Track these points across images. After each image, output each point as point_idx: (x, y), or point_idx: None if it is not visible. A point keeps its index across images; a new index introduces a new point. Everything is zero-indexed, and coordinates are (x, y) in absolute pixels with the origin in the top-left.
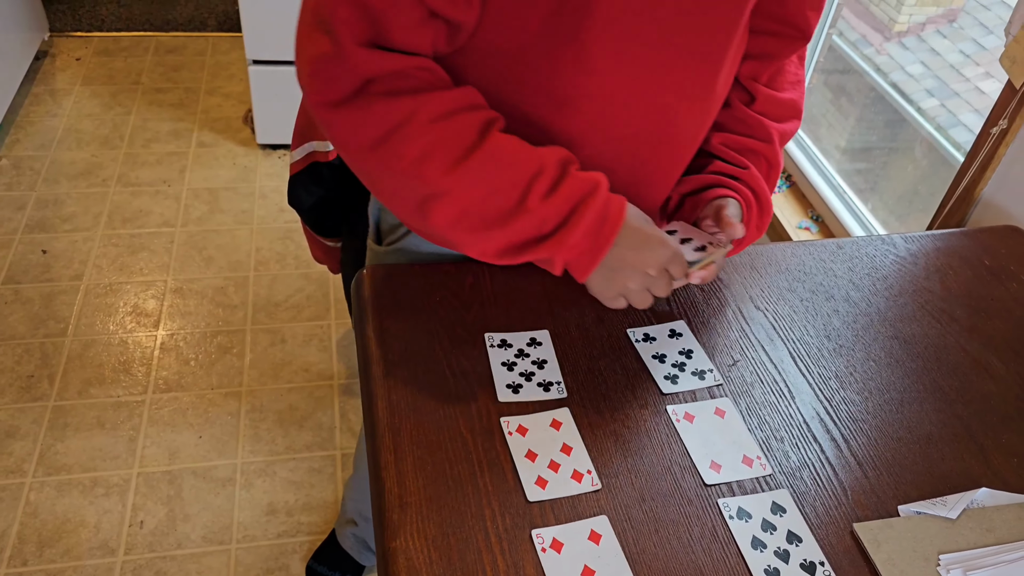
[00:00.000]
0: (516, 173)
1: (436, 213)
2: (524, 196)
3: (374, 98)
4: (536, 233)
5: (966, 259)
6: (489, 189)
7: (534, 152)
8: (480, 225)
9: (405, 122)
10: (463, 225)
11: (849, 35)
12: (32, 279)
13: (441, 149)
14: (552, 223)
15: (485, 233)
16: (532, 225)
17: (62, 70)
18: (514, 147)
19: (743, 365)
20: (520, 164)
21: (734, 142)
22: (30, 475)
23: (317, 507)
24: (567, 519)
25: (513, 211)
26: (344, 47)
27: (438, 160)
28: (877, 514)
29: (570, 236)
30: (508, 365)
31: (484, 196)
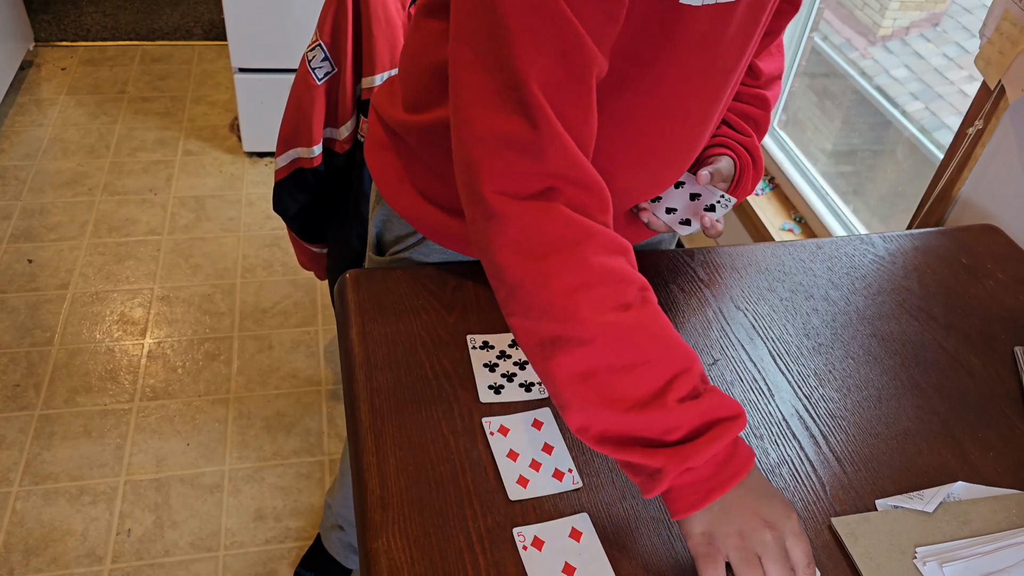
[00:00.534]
0: (666, 358)
1: (563, 358)
2: (666, 388)
3: (558, 206)
4: (658, 435)
5: (944, 258)
6: (634, 360)
7: (685, 345)
8: (604, 395)
9: (577, 245)
10: (586, 386)
11: (834, 39)
12: (18, 288)
13: (602, 290)
14: (682, 431)
15: (604, 407)
16: (660, 423)
17: (47, 80)
18: (668, 327)
19: (723, 364)
20: (671, 350)
21: (738, 110)
22: (16, 484)
23: (305, 512)
24: (548, 517)
25: (648, 400)
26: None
27: (595, 301)
28: (855, 508)
29: (695, 454)
30: (490, 366)
31: (624, 365)
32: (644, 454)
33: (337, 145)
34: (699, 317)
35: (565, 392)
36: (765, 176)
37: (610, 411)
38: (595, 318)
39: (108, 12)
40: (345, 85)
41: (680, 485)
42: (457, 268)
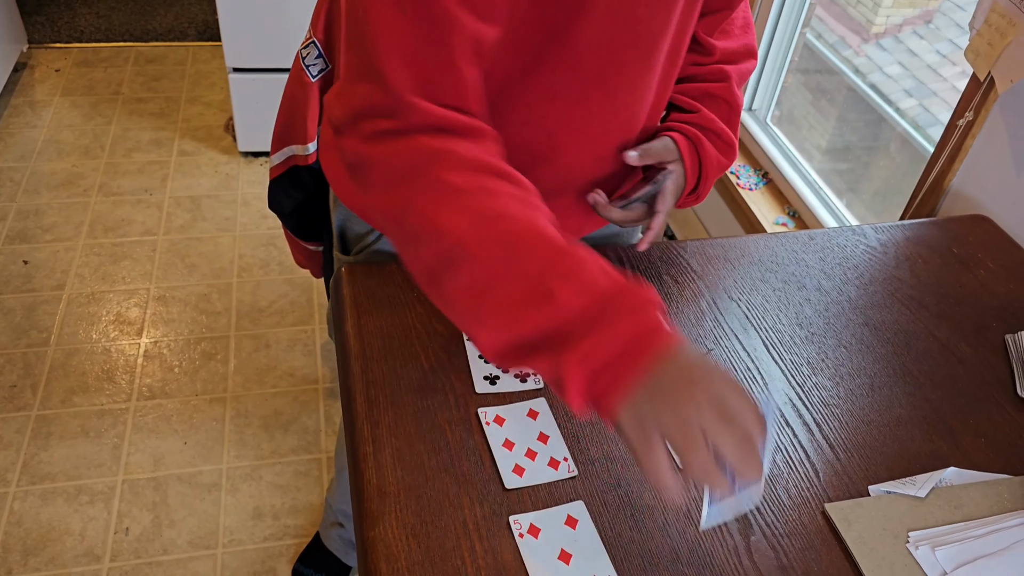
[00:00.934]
0: (545, 249)
1: (447, 280)
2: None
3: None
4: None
5: (935, 248)
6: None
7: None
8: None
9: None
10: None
11: (828, 37)
12: (13, 289)
13: (467, 201)
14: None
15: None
16: (554, 315)
17: (41, 81)
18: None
19: (717, 354)
20: (554, 244)
21: (690, 90)
22: (14, 484)
23: (303, 510)
24: (544, 505)
25: (531, 293)
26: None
27: (462, 214)
28: (848, 495)
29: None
30: (485, 358)
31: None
32: (543, 355)
33: None
34: (693, 308)
35: (462, 313)
36: (759, 171)
37: (502, 317)
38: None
39: (102, 13)
40: None
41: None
42: None
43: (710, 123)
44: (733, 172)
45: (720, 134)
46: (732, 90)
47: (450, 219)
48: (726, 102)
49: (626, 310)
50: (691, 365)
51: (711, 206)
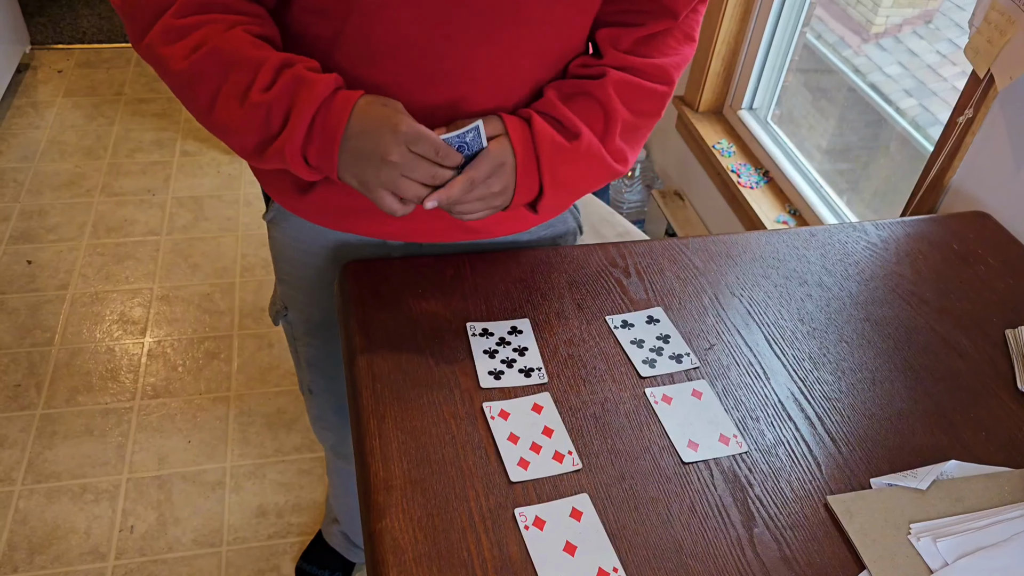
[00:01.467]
0: (244, 66)
1: (189, 105)
2: (248, 89)
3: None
4: (265, 131)
5: (935, 244)
6: (221, 79)
7: (262, 51)
8: (223, 119)
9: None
10: (211, 118)
11: (828, 37)
12: (17, 289)
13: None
14: (277, 120)
15: (229, 129)
16: (260, 120)
17: (44, 82)
18: (248, 43)
19: (719, 349)
20: (247, 59)
21: (558, 84)
22: (19, 483)
23: (307, 508)
24: (549, 498)
25: (241, 105)
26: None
27: (185, 47)
28: (850, 487)
29: (295, 130)
30: (490, 353)
31: (218, 85)
32: (271, 155)
33: None
34: (695, 304)
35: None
36: (759, 169)
37: (233, 131)
38: (186, 58)
39: (104, 15)
40: None
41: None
42: (455, 257)
43: (551, 108)
44: (734, 170)
45: (562, 120)
46: (606, 90)
47: (174, 52)
48: (596, 101)
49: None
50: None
51: (711, 205)
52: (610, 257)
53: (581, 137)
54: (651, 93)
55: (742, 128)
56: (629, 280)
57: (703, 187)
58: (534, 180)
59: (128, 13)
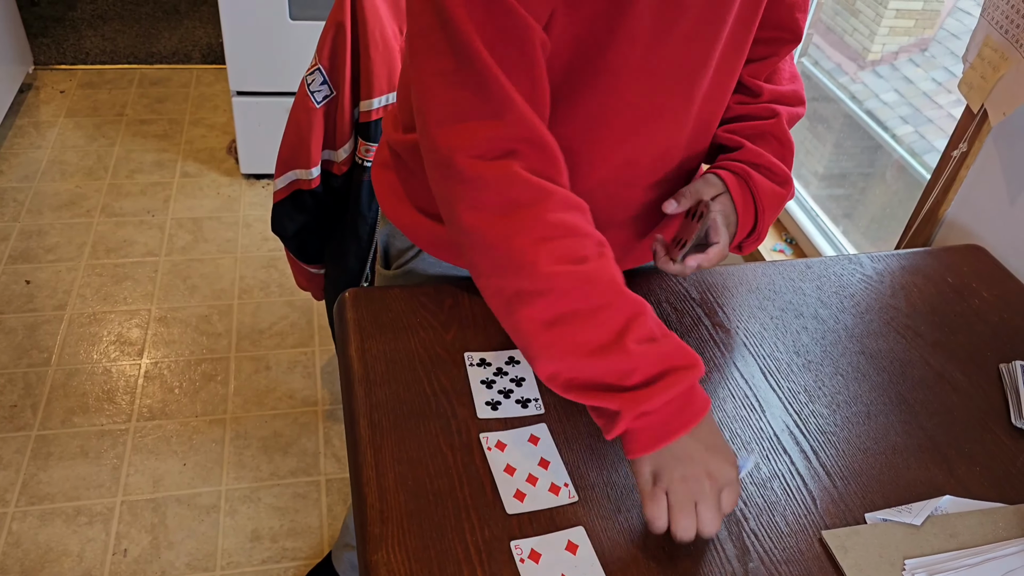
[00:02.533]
0: (621, 304)
1: (528, 309)
2: (623, 333)
3: (518, 169)
4: (618, 379)
5: (930, 277)
6: (591, 307)
7: (636, 295)
8: (567, 342)
9: (537, 204)
10: (549, 334)
11: (824, 64)
12: (15, 309)
13: (559, 244)
14: (640, 376)
15: (568, 353)
16: (620, 367)
17: (46, 102)
18: (621, 278)
19: (715, 381)
20: (627, 298)
21: (739, 128)
22: (12, 504)
23: (302, 533)
24: (545, 530)
25: (608, 344)
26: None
27: (553, 254)
28: (845, 522)
29: (652, 398)
30: (487, 383)
31: (583, 312)
32: (605, 398)
33: (335, 167)
34: (692, 335)
35: (532, 343)
36: None
37: (574, 357)
38: (554, 269)
39: (107, 36)
40: (343, 108)
41: (636, 428)
42: (453, 287)
43: (757, 157)
44: None
45: (771, 168)
46: (783, 127)
47: (541, 255)
48: (777, 139)
49: (681, 379)
50: (711, 445)
51: None
52: None
53: (790, 181)
54: (799, 118)
55: None
56: None
57: None
58: (748, 228)
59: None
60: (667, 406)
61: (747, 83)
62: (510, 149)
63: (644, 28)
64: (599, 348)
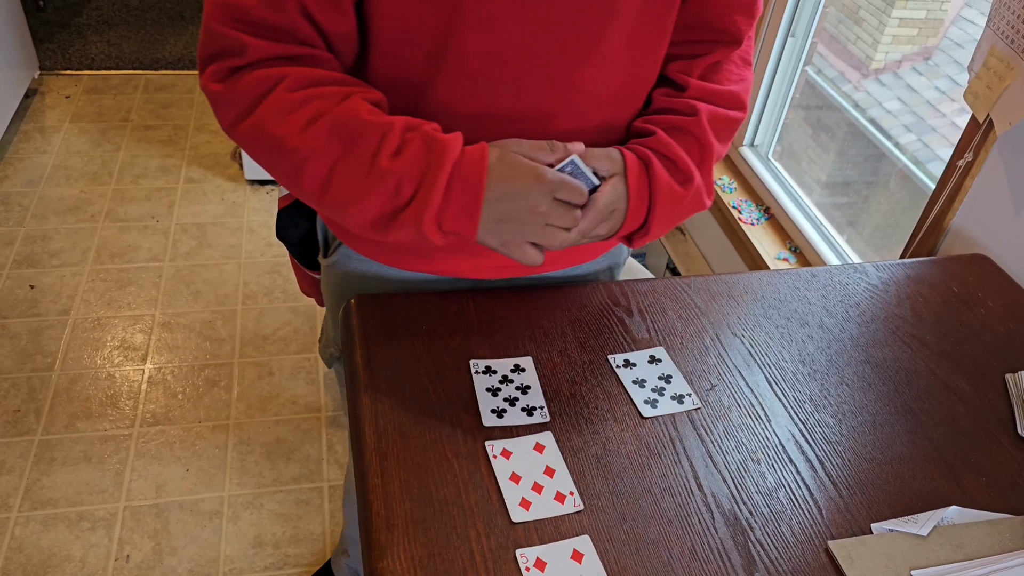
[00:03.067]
0: (366, 132)
1: (303, 182)
2: (375, 157)
3: (249, 72)
4: (395, 202)
5: (935, 286)
6: (342, 150)
7: (383, 117)
8: (343, 193)
9: (272, 89)
10: (328, 194)
11: (828, 72)
12: (20, 314)
13: (301, 112)
14: (408, 188)
15: (350, 202)
16: (389, 190)
17: (52, 108)
18: (365, 111)
19: (720, 389)
20: (369, 127)
21: (654, 119)
22: (15, 510)
23: (304, 539)
24: (550, 539)
25: (367, 174)
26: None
27: (297, 123)
28: (851, 532)
29: (431, 197)
30: (492, 391)
31: (338, 159)
32: (400, 224)
33: None
34: (697, 344)
35: (327, 211)
36: (760, 206)
37: (356, 203)
38: (300, 135)
39: (112, 42)
40: None
41: (445, 224)
42: (459, 294)
43: (666, 148)
44: (735, 207)
45: (676, 162)
46: (702, 126)
47: (288, 129)
48: (695, 138)
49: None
50: (506, 174)
51: (713, 240)
52: (612, 296)
53: (693, 181)
54: (733, 122)
55: (743, 165)
56: (631, 319)
57: (704, 223)
58: (639, 221)
59: (227, 97)
60: (447, 193)
61: (672, 77)
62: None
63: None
64: (364, 181)
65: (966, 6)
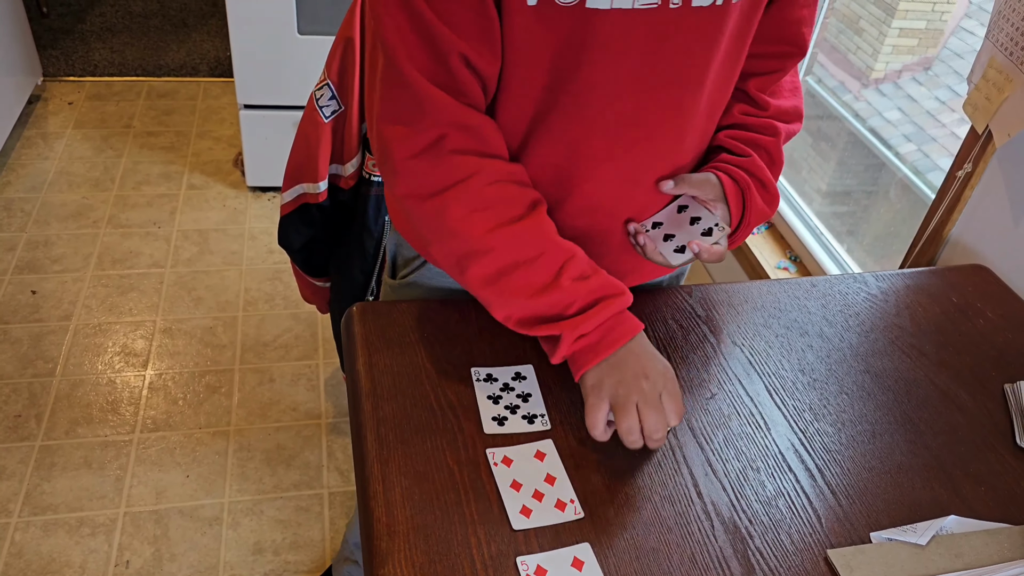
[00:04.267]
0: (555, 250)
1: (474, 268)
2: (559, 274)
3: (445, 154)
4: (559, 311)
5: (935, 296)
6: (528, 257)
7: (568, 242)
8: (512, 289)
9: (465, 180)
10: (497, 286)
11: (828, 82)
12: (21, 319)
13: (491, 210)
14: (576, 306)
15: (514, 298)
16: (559, 302)
17: (55, 114)
18: (554, 229)
19: (720, 398)
20: (559, 245)
21: (741, 136)
22: (15, 515)
23: (304, 546)
24: (551, 547)
25: (546, 285)
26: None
27: (487, 219)
28: (850, 541)
29: (586, 322)
30: (494, 398)
31: (521, 263)
32: (550, 327)
33: (342, 181)
34: (697, 353)
35: (484, 294)
36: None
37: (520, 300)
38: (490, 232)
39: (115, 48)
40: (351, 123)
41: (577, 349)
42: (460, 302)
43: (759, 171)
44: None
45: (766, 184)
46: (779, 147)
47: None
48: (770, 156)
49: (611, 305)
50: (644, 355)
51: None
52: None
53: (777, 201)
54: (794, 135)
55: None
56: None
57: None
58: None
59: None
60: (601, 327)
61: (754, 96)
62: (436, 136)
63: (618, 42)
64: (540, 289)
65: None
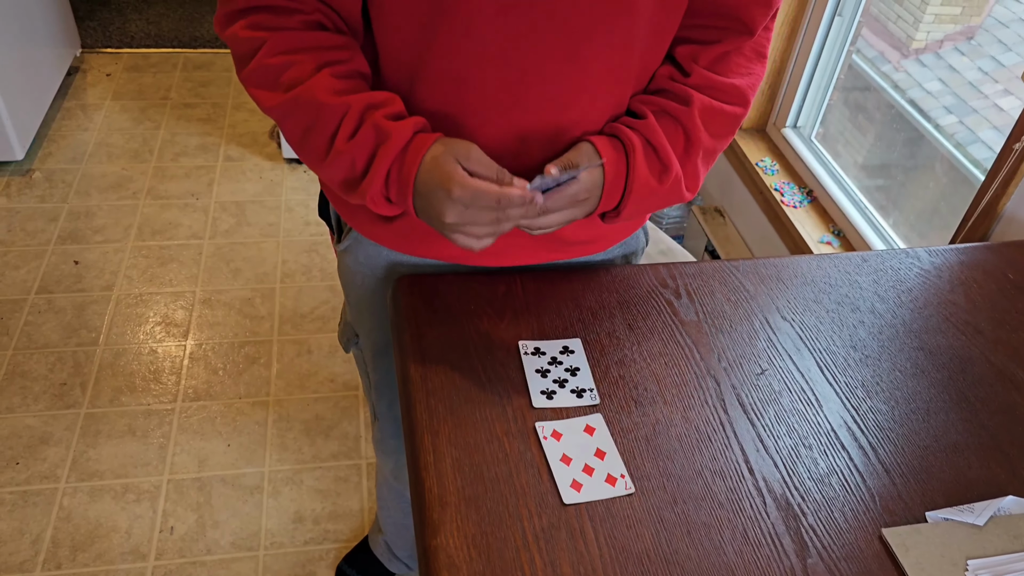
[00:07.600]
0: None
1: (285, 131)
2: (333, 137)
3: (239, 29)
4: (350, 174)
5: (990, 273)
6: (307, 125)
7: (341, 99)
8: (313, 157)
9: (252, 54)
10: (303, 154)
11: (867, 52)
12: (64, 289)
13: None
14: (360, 166)
15: (320, 165)
16: (345, 166)
17: (93, 85)
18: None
19: (771, 374)
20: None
21: (648, 99)
22: (63, 480)
23: (343, 515)
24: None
25: (328, 150)
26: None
27: (278, 86)
28: (905, 520)
29: (375, 177)
30: (542, 372)
31: (305, 131)
32: (356, 194)
33: None
34: (746, 327)
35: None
36: (803, 188)
37: (321, 165)
38: (277, 100)
39: (152, 20)
40: None
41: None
42: (507, 275)
43: (652, 134)
44: (777, 189)
45: (658, 149)
46: (692, 118)
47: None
48: (683, 129)
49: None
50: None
51: (753, 224)
52: (660, 278)
53: (670, 172)
54: (730, 117)
55: (786, 146)
56: (679, 301)
57: (745, 205)
58: (612, 204)
59: (232, 50)
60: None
61: (679, 60)
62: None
63: None
64: (325, 154)
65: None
